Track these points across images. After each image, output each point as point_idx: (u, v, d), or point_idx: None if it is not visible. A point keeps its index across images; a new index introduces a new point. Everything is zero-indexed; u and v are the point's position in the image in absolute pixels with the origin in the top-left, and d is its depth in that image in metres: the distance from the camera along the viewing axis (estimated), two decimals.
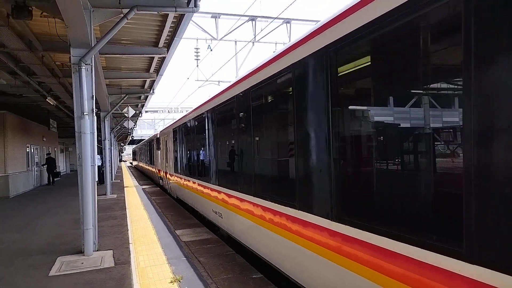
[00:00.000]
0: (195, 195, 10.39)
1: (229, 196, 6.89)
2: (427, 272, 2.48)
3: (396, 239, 2.77)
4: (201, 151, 9.63)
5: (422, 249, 2.51)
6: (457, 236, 2.25)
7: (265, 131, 5.68)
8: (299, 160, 4.24)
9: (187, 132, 11.45)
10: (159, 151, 19.33)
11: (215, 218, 8.25)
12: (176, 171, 13.74)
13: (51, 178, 21.48)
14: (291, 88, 4.43)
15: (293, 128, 4.33)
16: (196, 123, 10.06)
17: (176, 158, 13.75)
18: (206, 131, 8.83)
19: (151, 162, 25.15)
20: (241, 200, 6.17)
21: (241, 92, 6.07)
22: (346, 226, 3.36)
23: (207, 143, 8.88)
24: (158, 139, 19.92)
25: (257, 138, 5.69)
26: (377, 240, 2.95)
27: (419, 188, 2.83)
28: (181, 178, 12.71)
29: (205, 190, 8.96)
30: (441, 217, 2.53)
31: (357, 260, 3.23)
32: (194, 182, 10.42)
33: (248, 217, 5.87)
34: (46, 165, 21.42)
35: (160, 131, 20.01)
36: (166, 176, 17.03)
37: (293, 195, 4.33)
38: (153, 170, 23.88)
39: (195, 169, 10.38)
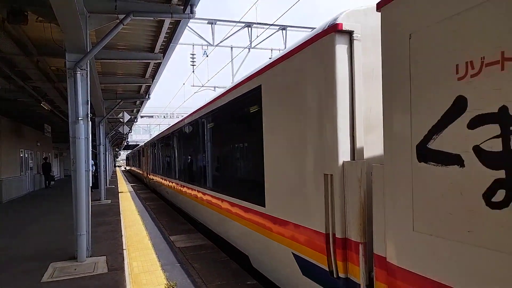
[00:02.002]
0: (159, 185, 18.00)
1: (169, 181, 13.77)
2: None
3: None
4: (161, 158, 16.33)
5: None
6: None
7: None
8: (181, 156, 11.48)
9: (156, 146, 18.70)
10: (143, 157, 26.82)
11: (166, 195, 15.35)
12: (152, 171, 20.87)
13: (47, 181, 23.03)
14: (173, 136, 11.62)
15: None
16: (157, 142, 17.94)
17: (151, 162, 21.08)
18: (162, 147, 16.20)
19: (139, 166, 33.04)
20: (169, 181, 13.76)
21: (162, 136, 14.80)
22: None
23: (165, 154, 15.30)
24: (143, 149, 27.80)
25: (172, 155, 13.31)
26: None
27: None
28: (154, 175, 19.77)
29: (162, 181, 16.33)
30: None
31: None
32: (157, 176, 18.05)
33: (178, 190, 12.08)
34: (43, 171, 22.82)
35: (144, 143, 28.21)
36: (147, 176, 24.35)
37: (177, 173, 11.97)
38: (140, 172, 31.61)
39: (158, 168, 17.94)
